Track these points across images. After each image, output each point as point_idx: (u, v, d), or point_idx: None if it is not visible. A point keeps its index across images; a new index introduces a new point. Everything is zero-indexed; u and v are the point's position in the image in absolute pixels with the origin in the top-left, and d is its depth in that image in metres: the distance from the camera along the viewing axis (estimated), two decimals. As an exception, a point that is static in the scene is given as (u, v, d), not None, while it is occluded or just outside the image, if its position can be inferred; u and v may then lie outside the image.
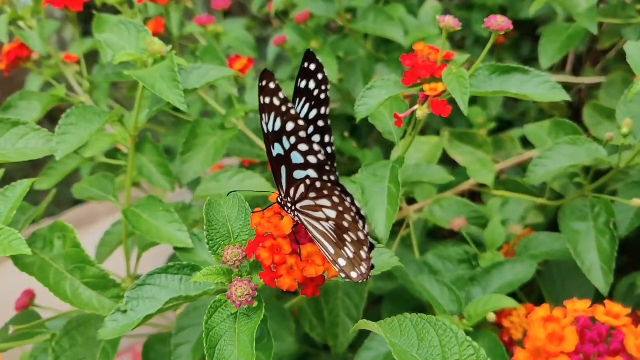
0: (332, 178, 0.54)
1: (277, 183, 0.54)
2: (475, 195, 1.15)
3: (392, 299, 0.99)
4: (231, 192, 0.60)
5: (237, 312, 0.52)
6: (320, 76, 0.55)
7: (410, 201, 1.03)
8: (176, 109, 1.03)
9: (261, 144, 0.97)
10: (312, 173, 0.53)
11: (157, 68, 0.66)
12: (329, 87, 0.55)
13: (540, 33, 1.29)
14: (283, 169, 0.53)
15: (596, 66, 1.31)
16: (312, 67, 0.55)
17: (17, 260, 0.64)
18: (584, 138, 0.78)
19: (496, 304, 0.73)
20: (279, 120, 0.51)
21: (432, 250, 0.95)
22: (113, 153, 0.97)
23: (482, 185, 1.00)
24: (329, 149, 0.56)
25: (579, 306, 0.43)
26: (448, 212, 0.94)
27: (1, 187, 0.68)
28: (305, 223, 0.53)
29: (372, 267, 0.54)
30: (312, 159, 0.52)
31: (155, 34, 1.07)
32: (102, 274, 0.65)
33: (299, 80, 0.55)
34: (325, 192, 0.50)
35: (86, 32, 1.80)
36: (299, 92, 0.55)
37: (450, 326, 0.46)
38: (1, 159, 0.64)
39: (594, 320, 0.42)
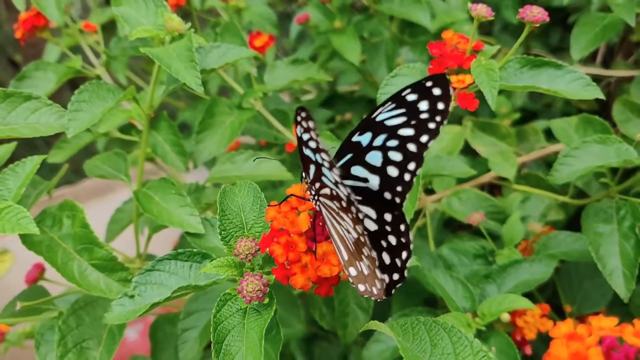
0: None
1: (304, 170, 0.51)
2: (495, 188, 1.13)
3: (404, 289, 0.97)
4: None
5: (247, 307, 0.51)
6: (440, 106, 0.49)
7: (428, 191, 1.00)
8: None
9: (278, 125, 0.95)
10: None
11: (174, 46, 0.64)
12: (445, 122, 0.49)
13: (572, 22, 1.25)
14: (312, 166, 0.49)
15: (628, 59, 1.27)
16: (437, 91, 0.49)
17: (25, 239, 0.63)
18: (614, 137, 0.75)
19: (511, 304, 0.71)
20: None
21: (447, 243, 0.93)
22: (128, 128, 0.95)
23: (503, 179, 0.97)
24: (407, 176, 0.51)
25: (605, 324, 0.41)
26: (466, 205, 0.92)
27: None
28: (325, 217, 0.50)
29: (389, 290, 0.52)
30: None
31: (176, 6, 1.05)
32: (109, 256, 0.64)
33: (409, 91, 0.49)
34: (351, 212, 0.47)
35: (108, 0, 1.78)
36: (398, 100, 0.50)
37: (466, 334, 0.45)
38: (12, 134, 0.62)
39: (621, 340, 0.40)
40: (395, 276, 0.52)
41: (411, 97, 0.49)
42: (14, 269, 1.57)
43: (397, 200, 0.51)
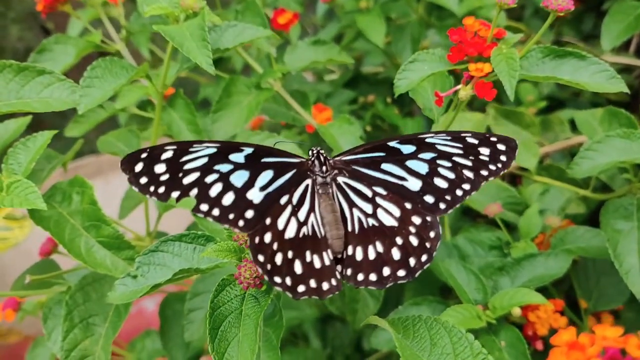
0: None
1: None
2: (515, 177, 1.10)
3: (417, 277, 0.96)
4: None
5: (244, 293, 0.51)
6: (503, 158, 0.54)
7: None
8: (215, 61, 1.00)
9: (297, 107, 0.94)
10: None
11: (187, 25, 0.63)
12: (506, 170, 0.54)
13: (606, 9, 1.20)
14: None
15: (663, 50, 1.23)
16: (501, 147, 0.54)
17: (34, 213, 0.63)
18: (639, 132, 0.72)
19: (523, 299, 0.70)
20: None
21: (463, 232, 0.92)
22: (148, 104, 0.95)
23: (524, 169, 0.95)
24: (459, 192, 0.54)
25: (609, 333, 0.39)
26: (485, 194, 0.90)
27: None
28: None
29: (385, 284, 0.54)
30: None
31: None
32: (116, 234, 0.64)
33: (470, 135, 0.55)
34: None
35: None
36: (456, 137, 0.55)
37: (466, 335, 0.44)
38: (25, 108, 0.62)
39: (624, 352, 0.38)
40: (401, 273, 0.53)
41: (471, 140, 0.54)
42: (34, 235, 1.59)
43: (442, 206, 0.54)
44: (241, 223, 0.51)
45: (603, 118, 0.82)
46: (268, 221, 0.51)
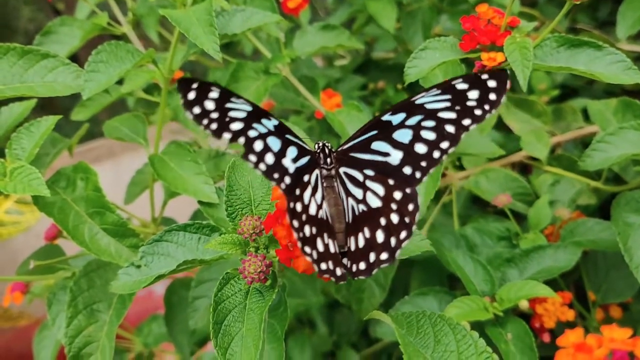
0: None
1: None
2: (525, 167, 1.09)
3: (424, 266, 0.95)
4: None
5: (249, 287, 0.50)
6: (492, 97, 0.51)
7: (457, 167, 0.97)
8: (225, 45, 0.98)
9: (306, 92, 0.92)
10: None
11: (194, 9, 0.62)
12: (494, 111, 0.51)
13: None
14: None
15: (680, 38, 1.20)
16: (492, 83, 0.51)
17: (38, 199, 0.62)
18: (654, 125, 0.71)
19: (530, 291, 0.69)
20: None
21: (472, 222, 0.91)
22: (153, 88, 0.94)
23: (535, 159, 0.94)
24: (436, 153, 0.52)
25: (617, 335, 0.38)
26: (494, 185, 0.89)
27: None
28: None
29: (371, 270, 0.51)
30: None
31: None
32: (120, 221, 0.63)
33: (460, 80, 0.52)
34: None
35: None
36: (446, 87, 0.52)
37: (471, 333, 0.43)
38: (29, 92, 0.61)
39: (632, 355, 0.37)
40: (384, 256, 0.51)
41: (462, 86, 0.51)
42: (45, 218, 1.59)
43: (418, 175, 0.52)
44: (283, 186, 0.50)
45: (617, 109, 0.80)
46: (297, 192, 0.50)
